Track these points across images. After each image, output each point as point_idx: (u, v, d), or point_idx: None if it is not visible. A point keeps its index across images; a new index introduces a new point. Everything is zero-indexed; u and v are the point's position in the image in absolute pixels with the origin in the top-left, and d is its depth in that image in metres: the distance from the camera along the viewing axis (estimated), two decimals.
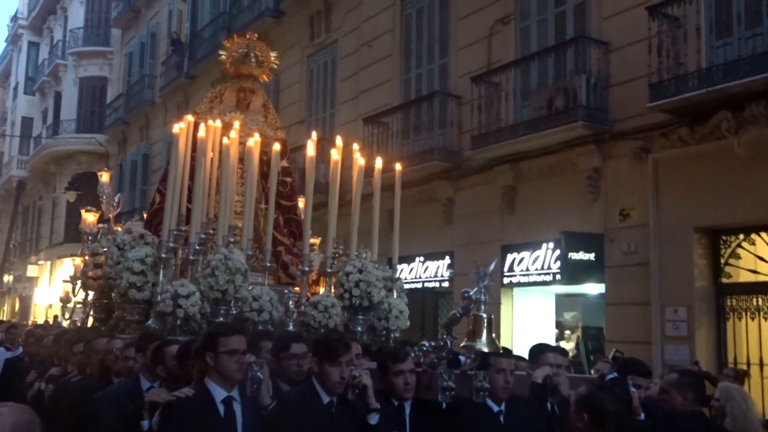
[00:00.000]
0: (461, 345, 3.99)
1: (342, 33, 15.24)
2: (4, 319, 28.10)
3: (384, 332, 5.59)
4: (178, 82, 21.13)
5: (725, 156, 8.32)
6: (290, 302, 4.99)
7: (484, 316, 3.83)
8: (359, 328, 5.37)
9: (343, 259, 5.69)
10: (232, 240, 5.14)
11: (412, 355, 4.00)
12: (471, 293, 3.83)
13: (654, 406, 4.41)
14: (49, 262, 29.26)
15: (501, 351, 4.01)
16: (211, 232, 5.35)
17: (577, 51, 9.95)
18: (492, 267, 3.96)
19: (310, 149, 5.27)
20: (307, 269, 5.41)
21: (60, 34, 32.25)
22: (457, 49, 12.31)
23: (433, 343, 4.00)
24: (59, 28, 32.65)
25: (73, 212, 23.27)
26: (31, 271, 30.22)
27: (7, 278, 33.96)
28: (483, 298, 3.82)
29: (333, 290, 5.54)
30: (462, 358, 4.08)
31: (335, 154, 5.47)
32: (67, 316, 7.77)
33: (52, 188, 31.04)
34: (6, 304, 35.64)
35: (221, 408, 3.40)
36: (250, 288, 5.14)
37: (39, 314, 26.63)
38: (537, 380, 4.01)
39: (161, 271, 5.20)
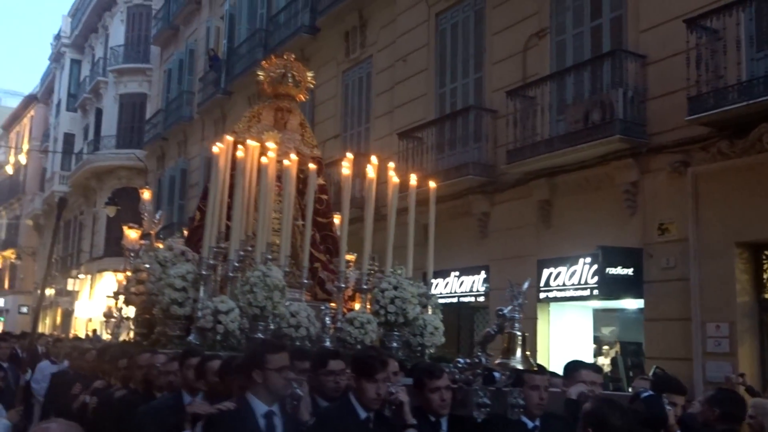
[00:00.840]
0: (496, 362, 4.05)
1: (377, 48, 15.38)
2: (46, 332, 28.73)
3: (419, 348, 5.61)
4: (215, 98, 21.44)
5: (766, 169, 8.22)
6: (326, 318, 5.09)
7: (518, 333, 3.88)
8: (394, 344, 5.41)
9: (378, 276, 5.75)
10: (270, 257, 5.24)
11: (447, 371, 4.08)
12: (505, 311, 3.89)
13: (694, 422, 4.41)
14: (89, 276, 29.75)
15: (535, 368, 4.06)
16: (250, 249, 5.44)
17: (614, 64, 9.92)
18: (526, 285, 4.02)
19: (346, 169, 5.39)
20: (342, 286, 5.51)
21: (101, 51, 32.92)
22: (492, 64, 12.36)
23: (468, 360, 4.07)
24: (100, 46, 33.34)
25: (113, 227, 23.73)
26: (72, 284, 30.69)
27: (49, 292, 34.67)
28: (517, 316, 3.88)
29: (368, 306, 5.60)
30: (497, 374, 4.13)
31: (371, 172, 5.55)
32: (109, 330, 7.97)
33: (92, 203, 31.63)
34: (48, 318, 36.34)
35: (262, 422, 3.49)
36: (287, 304, 5.23)
37: (79, 328, 27.14)
38: (572, 397, 4.02)
39: (201, 288, 5.31)
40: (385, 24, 15.14)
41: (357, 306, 5.85)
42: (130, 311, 6.86)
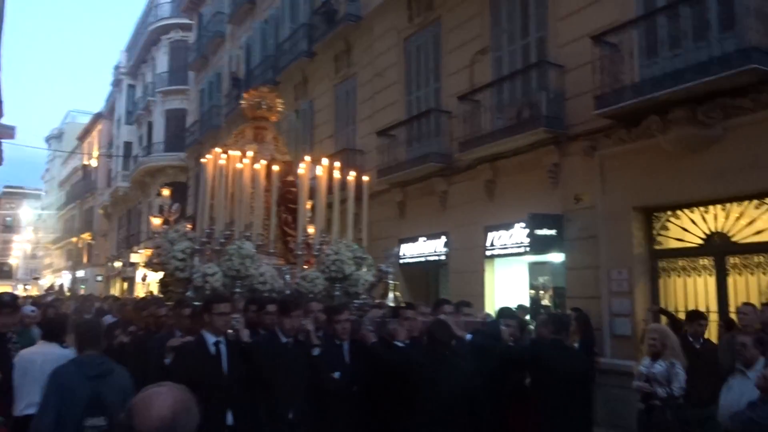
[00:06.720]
0: (376, 302, 4.56)
1: (360, 67, 15.51)
2: (117, 294, 29.55)
3: (355, 295, 5.80)
4: (238, 110, 21.17)
5: (655, 151, 8.42)
6: (287, 276, 5.61)
7: (390, 282, 4.41)
8: (337, 293, 5.76)
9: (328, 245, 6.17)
10: (247, 234, 5.73)
11: (347, 310, 4.59)
12: (382, 267, 4.44)
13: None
14: (147, 251, 30.44)
15: (404, 305, 4.54)
16: (233, 230, 5.88)
17: (539, 73, 10.09)
18: (395, 251, 4.55)
19: (302, 169, 5.88)
20: (300, 253, 5.96)
21: (150, 77, 33.30)
22: (447, 75, 12.49)
23: (360, 302, 4.61)
24: (150, 73, 33.68)
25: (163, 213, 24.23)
26: (134, 258, 31.17)
27: (118, 264, 35.48)
28: (390, 270, 4.40)
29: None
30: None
31: (320, 171, 6.05)
32: (145, 290, 8.43)
33: (147, 195, 32.02)
34: (117, 284, 37.34)
35: (212, 348, 4.00)
36: (258, 267, 5.62)
37: (140, 291, 27.93)
38: None
39: (197, 258, 5.76)
40: (365, 48, 15.25)
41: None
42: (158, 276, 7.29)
